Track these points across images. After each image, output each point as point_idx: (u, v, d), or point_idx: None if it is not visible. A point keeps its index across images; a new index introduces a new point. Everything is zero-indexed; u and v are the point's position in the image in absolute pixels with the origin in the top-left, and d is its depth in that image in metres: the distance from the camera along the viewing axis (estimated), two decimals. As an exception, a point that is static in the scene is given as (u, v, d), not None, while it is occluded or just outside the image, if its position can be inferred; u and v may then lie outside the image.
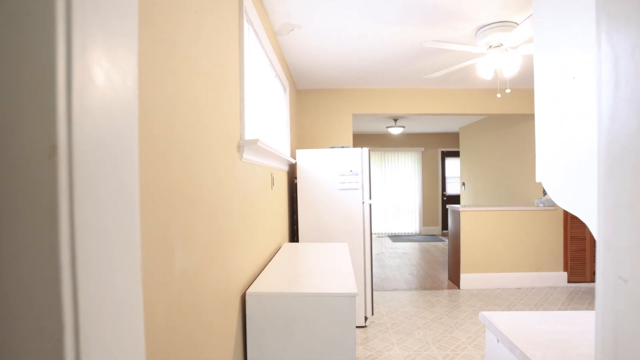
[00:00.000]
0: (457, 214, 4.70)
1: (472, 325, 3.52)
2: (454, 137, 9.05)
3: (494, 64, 2.77)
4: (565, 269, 4.67)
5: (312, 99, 4.42)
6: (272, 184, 2.52)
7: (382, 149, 8.90)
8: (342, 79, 4.09)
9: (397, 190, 9.04)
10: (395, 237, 8.67)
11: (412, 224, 9.09)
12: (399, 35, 2.82)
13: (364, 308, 3.42)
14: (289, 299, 1.63)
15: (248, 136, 1.79)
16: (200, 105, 1.21)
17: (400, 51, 3.16)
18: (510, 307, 4.02)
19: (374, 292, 4.49)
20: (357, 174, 3.24)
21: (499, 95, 2.91)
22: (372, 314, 3.67)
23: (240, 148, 1.69)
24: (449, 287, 4.72)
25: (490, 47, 2.72)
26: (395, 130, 6.91)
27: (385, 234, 9.09)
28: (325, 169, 3.30)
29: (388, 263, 6.10)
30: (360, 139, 8.89)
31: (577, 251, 4.67)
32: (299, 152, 3.34)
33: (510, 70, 2.78)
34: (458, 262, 4.69)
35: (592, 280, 4.68)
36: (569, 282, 4.68)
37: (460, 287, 4.64)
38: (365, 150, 3.29)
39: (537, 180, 1.04)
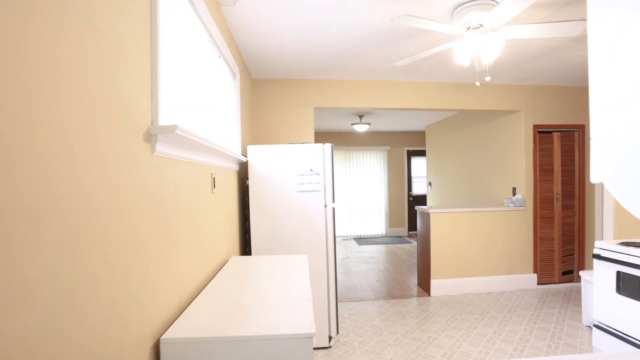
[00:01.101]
0: (426, 216, 4.41)
1: (446, 339, 3.20)
2: (420, 135, 8.88)
3: (472, 48, 2.44)
4: (535, 271, 4.50)
5: (269, 90, 3.95)
6: (214, 186, 2.03)
7: (347, 148, 8.56)
8: (302, 68, 3.65)
9: (362, 190, 8.73)
10: (361, 240, 8.35)
11: (378, 225, 8.82)
12: (366, 12, 2.42)
13: (327, 326, 2.99)
14: (223, 346, 1.17)
15: (164, 121, 1.30)
16: (70, 71, 0.73)
17: (367, 33, 2.77)
18: (483, 314, 3.75)
19: (339, 305, 4.08)
20: (318, 174, 2.81)
21: (478, 83, 2.60)
22: (337, 332, 3.26)
23: (150, 138, 1.21)
24: (419, 294, 4.41)
25: (469, 28, 2.38)
26: (361, 128, 6.57)
27: (350, 236, 8.76)
28: (282, 168, 2.84)
29: (354, 269, 5.74)
30: (323, 137, 8.50)
31: (546, 252, 4.52)
32: (250, 148, 2.86)
33: (489, 55, 2.47)
34: (428, 268, 4.39)
35: (560, 281, 4.55)
36: (538, 284, 4.52)
37: (431, 294, 4.34)
38: (328, 146, 2.87)
39: (593, 181, 0.66)
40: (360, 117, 6.40)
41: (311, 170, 2.79)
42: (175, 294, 1.40)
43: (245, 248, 3.07)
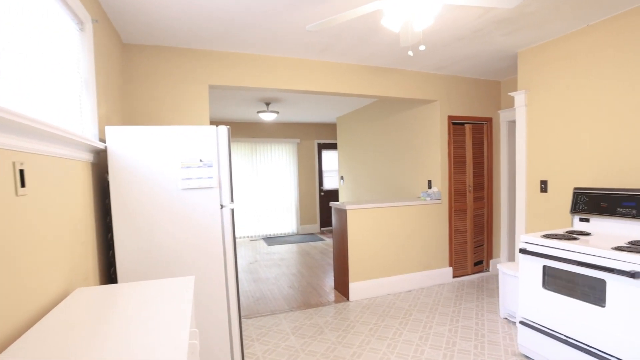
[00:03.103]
0: (342, 213, 3.97)
1: (372, 354, 2.77)
2: (331, 127, 8.56)
3: (404, 12, 1.98)
4: (450, 264, 4.41)
5: (149, 60, 3.05)
6: (21, 184, 1.21)
7: (253, 140, 7.81)
8: (194, 34, 2.86)
9: (271, 186, 8.09)
10: (271, 240, 7.72)
11: (289, 223, 8.28)
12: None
13: (230, 358, 2.31)
14: None
15: None
16: None
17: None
18: (406, 316, 3.45)
19: (246, 323, 3.41)
20: (210, 166, 2.09)
21: (410, 53, 2.18)
22: (244, 365, 2.59)
23: None
24: (337, 300, 3.96)
25: (400, -19, 1.91)
26: (268, 116, 5.91)
27: (259, 236, 8.06)
28: (159, 157, 2.06)
29: (264, 275, 5.09)
30: (227, 129, 7.62)
31: (460, 244, 4.47)
32: (111, 130, 2.00)
33: (423, 21, 2.04)
34: (346, 270, 3.97)
35: (473, 272, 4.55)
36: (454, 277, 4.44)
37: (350, 298, 3.93)
38: (223, 129, 2.17)
39: None
40: (268, 104, 5.74)
41: (201, 160, 2.06)
42: None
43: (110, 271, 2.20)
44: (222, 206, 2.18)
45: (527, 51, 3.42)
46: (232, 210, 2.22)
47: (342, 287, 4.10)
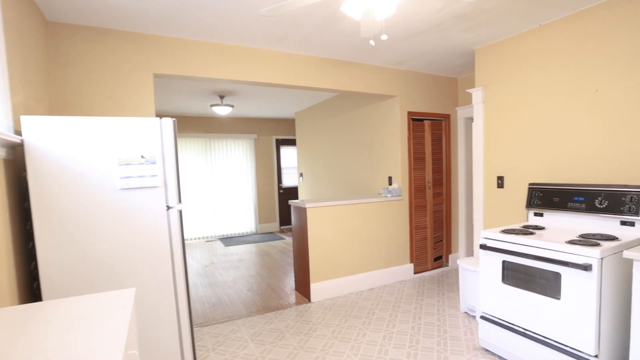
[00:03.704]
0: (302, 211, 3.83)
1: (335, 357, 2.66)
2: (289, 123, 8.37)
3: (364, -5, 1.86)
4: (411, 261, 4.42)
5: (83, 42, 2.70)
6: None
7: (207, 135, 7.43)
8: (137, 16, 2.57)
9: (227, 184, 7.77)
10: (228, 240, 7.41)
11: (247, 222, 8.00)
12: None
13: (181, 379, 2.10)
14: None
15: None
16: None
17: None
18: (369, 315, 3.38)
19: (202, 332, 3.17)
20: (154, 162, 1.86)
21: (372, 42, 2.07)
22: (197, 381, 2.38)
23: None
24: (298, 302, 3.82)
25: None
26: (222, 110, 5.61)
27: (215, 236, 7.72)
28: (91, 153, 1.79)
29: (221, 278, 4.83)
30: (177, 123, 7.20)
31: (421, 240, 4.48)
32: (27, 120, 1.70)
33: (384, 10, 1.93)
34: (306, 270, 3.83)
35: (433, 268, 4.59)
36: (415, 273, 4.46)
37: (311, 299, 3.80)
38: (168, 122, 1.94)
39: None
40: (222, 97, 5.44)
41: (143, 157, 1.82)
42: None
43: (33, 286, 1.89)
44: (168, 207, 1.95)
45: (484, 48, 3.45)
46: (180, 212, 1.99)
47: (303, 288, 3.96)
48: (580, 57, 2.71)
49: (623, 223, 2.34)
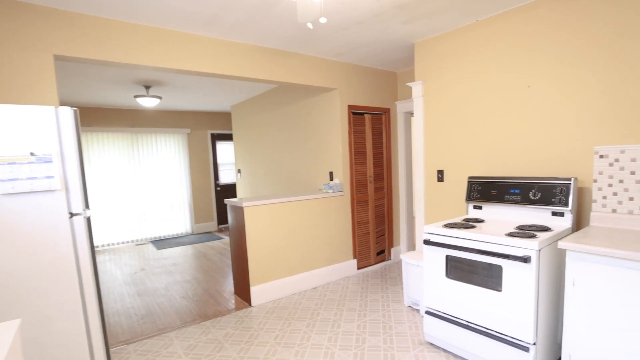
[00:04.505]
0: (239, 210, 3.57)
1: (279, 369, 2.48)
2: (225, 117, 7.93)
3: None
4: (355, 256, 4.37)
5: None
6: None
7: (133, 130, 6.76)
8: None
9: (158, 182, 7.16)
10: (161, 243, 6.85)
11: (182, 222, 7.47)
12: None
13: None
14: None
15: None
16: None
17: None
18: (314, 316, 3.25)
19: (124, 353, 2.79)
20: (49, 161, 1.50)
21: (310, 25, 1.90)
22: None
23: None
24: (238, 307, 3.57)
25: None
26: (148, 102, 5.08)
27: (146, 239, 7.10)
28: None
29: (151, 285, 4.39)
30: (92, 115, 6.45)
31: (363, 235, 4.45)
32: None
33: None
34: (246, 272, 3.59)
35: (376, 262, 4.59)
36: (358, 268, 4.42)
37: (252, 303, 3.58)
38: (67, 111, 1.59)
39: None
40: (147, 87, 4.93)
41: (33, 154, 1.46)
42: None
43: None
44: (72, 214, 1.61)
45: (424, 42, 3.45)
46: (88, 219, 1.66)
47: (243, 292, 3.72)
48: (515, 54, 2.78)
49: (554, 214, 2.45)
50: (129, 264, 5.43)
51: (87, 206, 1.65)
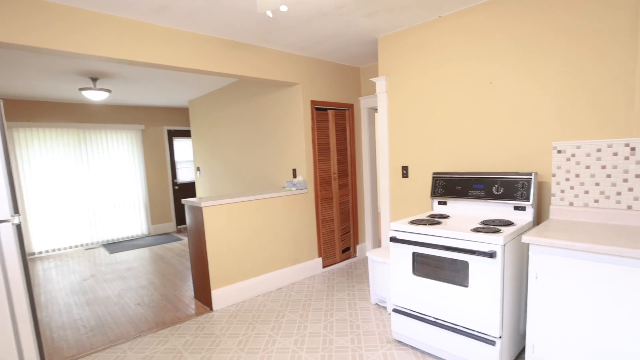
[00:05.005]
0: (198, 211, 3.37)
1: (243, 377, 2.35)
2: (183, 112, 7.57)
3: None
4: (320, 255, 4.29)
5: None
6: None
7: (80, 125, 6.26)
8: None
9: (110, 181, 6.71)
10: (114, 246, 6.42)
11: (137, 223, 7.05)
12: None
13: None
14: None
15: None
16: None
17: None
18: (279, 319, 3.14)
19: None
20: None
21: (270, 13, 1.78)
22: None
23: None
24: (198, 312, 3.38)
25: None
26: (96, 95, 4.70)
27: (98, 243, 6.63)
28: None
29: (102, 293, 4.07)
30: (33, 109, 5.91)
31: (328, 233, 4.39)
32: None
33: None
34: (206, 275, 3.41)
35: (341, 260, 4.54)
36: (323, 267, 4.35)
37: (213, 307, 3.40)
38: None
39: None
40: (94, 80, 4.55)
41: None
42: None
43: None
44: (-3, 223, 1.39)
45: (387, 37, 3.42)
46: (18, 226, 1.44)
47: (203, 296, 3.53)
48: (476, 50, 2.81)
49: (516, 208, 2.49)
50: (77, 271, 5.03)
51: (16, 211, 1.44)
